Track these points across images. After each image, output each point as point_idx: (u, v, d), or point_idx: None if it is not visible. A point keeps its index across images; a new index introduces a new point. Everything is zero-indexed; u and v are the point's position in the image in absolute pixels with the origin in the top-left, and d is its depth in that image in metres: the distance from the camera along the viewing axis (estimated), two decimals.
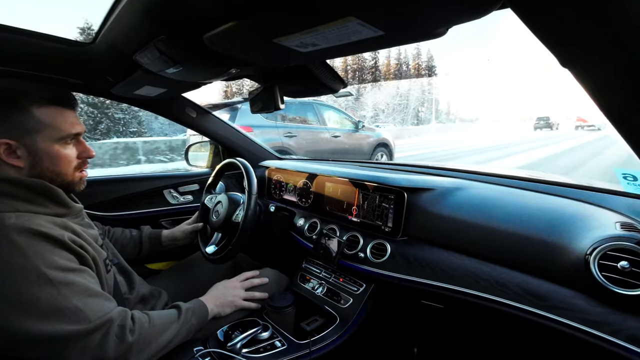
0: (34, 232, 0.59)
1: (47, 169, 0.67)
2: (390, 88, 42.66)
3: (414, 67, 50.74)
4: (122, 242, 1.09)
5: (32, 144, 0.64)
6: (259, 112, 0.98)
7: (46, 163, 0.66)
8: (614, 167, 1.70)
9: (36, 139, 0.64)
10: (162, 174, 1.65)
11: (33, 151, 0.64)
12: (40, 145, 0.65)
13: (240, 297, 0.94)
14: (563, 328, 0.62)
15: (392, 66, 50.29)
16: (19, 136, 0.63)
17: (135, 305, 0.85)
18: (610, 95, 0.36)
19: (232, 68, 0.78)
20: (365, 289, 0.99)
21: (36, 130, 0.64)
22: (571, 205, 0.80)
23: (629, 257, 0.59)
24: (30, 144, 0.64)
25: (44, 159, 0.66)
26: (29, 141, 0.64)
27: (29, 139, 0.64)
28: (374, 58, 48.69)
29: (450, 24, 0.47)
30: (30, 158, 0.64)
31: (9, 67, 0.89)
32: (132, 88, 1.06)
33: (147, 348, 0.65)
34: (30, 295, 0.55)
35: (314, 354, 0.82)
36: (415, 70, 50.52)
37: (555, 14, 0.28)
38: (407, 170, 1.27)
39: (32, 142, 0.64)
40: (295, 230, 1.26)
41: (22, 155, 0.64)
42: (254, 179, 1.07)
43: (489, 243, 0.79)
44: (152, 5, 0.56)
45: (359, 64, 48.02)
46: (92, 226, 0.80)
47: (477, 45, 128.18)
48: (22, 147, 0.63)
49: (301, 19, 0.47)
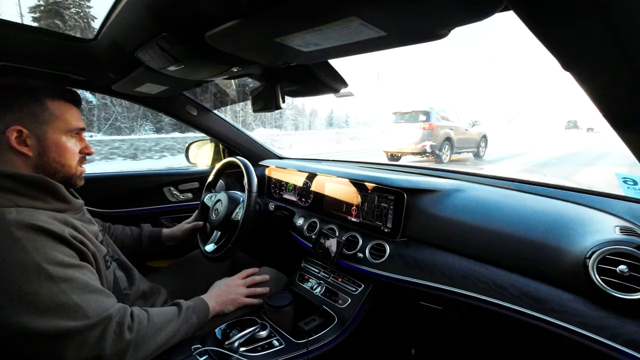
0: (35, 228, 0.59)
1: (54, 160, 0.70)
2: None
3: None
4: (122, 239, 1.09)
5: (42, 133, 0.68)
6: (260, 111, 0.98)
7: (53, 153, 0.69)
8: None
9: (46, 129, 0.68)
10: (162, 172, 1.65)
11: (42, 141, 0.68)
12: (49, 136, 0.69)
13: (243, 295, 0.95)
14: (561, 331, 0.62)
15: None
16: (31, 125, 0.66)
17: (135, 301, 0.85)
18: (612, 99, 0.36)
19: (233, 66, 0.78)
20: (363, 289, 0.99)
21: (47, 122, 0.68)
22: (571, 209, 0.80)
23: (628, 262, 0.58)
24: (41, 134, 0.68)
25: (52, 149, 0.69)
26: (39, 131, 0.67)
27: (40, 128, 0.67)
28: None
29: (452, 25, 0.47)
30: (39, 147, 0.68)
31: (12, 63, 0.89)
32: (133, 85, 1.06)
33: (145, 345, 0.65)
34: (30, 290, 0.55)
35: (312, 353, 0.82)
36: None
37: (557, 17, 0.28)
38: (407, 171, 1.27)
39: (42, 132, 0.68)
40: (295, 230, 1.26)
41: (31, 144, 0.67)
42: (253, 177, 1.07)
43: (488, 245, 0.79)
44: (155, 3, 0.56)
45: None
46: (92, 222, 0.80)
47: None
48: (33, 136, 0.67)
49: (303, 18, 0.47)
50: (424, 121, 7.75)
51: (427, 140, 7.57)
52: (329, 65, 0.85)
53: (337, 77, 0.89)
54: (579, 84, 0.35)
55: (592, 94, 0.36)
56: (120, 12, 0.66)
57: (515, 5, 0.30)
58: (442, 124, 7.92)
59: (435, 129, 7.67)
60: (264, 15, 0.48)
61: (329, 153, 11.28)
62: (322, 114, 27.89)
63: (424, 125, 7.66)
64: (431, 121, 7.69)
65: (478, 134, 9.21)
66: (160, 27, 0.62)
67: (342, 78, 0.90)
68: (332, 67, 0.86)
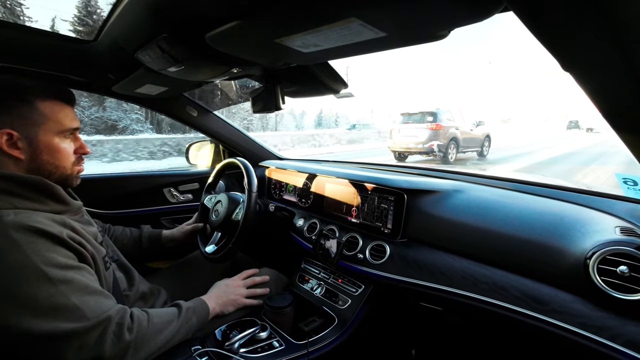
0: (33, 230, 0.59)
1: (47, 162, 0.68)
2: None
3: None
4: (122, 240, 1.09)
5: (33, 136, 0.66)
6: (260, 112, 0.98)
7: (45, 156, 0.68)
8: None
9: (38, 131, 0.66)
10: (162, 172, 1.65)
11: (34, 143, 0.66)
12: (41, 138, 0.67)
13: (243, 296, 0.95)
14: (562, 332, 0.62)
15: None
16: (21, 128, 0.64)
17: (135, 302, 0.84)
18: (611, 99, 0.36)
19: (233, 67, 0.78)
20: (363, 290, 0.99)
21: (38, 123, 0.66)
22: (571, 209, 0.80)
23: (629, 262, 0.58)
24: (32, 136, 0.66)
25: (44, 151, 0.67)
26: (30, 133, 0.65)
27: (31, 131, 0.65)
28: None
29: (452, 26, 0.47)
30: (30, 150, 0.66)
31: (12, 64, 0.90)
32: (133, 86, 1.06)
33: (145, 346, 0.65)
34: (29, 292, 0.55)
35: (312, 354, 0.82)
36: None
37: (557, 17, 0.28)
38: (407, 172, 1.27)
39: (33, 135, 0.66)
40: (295, 231, 1.26)
41: (22, 147, 0.65)
42: (253, 177, 1.07)
43: (488, 246, 0.79)
44: (155, 4, 0.56)
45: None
46: (91, 223, 0.80)
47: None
48: (24, 138, 0.65)
49: (303, 19, 0.47)
50: (431, 122, 8.08)
51: (434, 140, 7.90)
52: (329, 66, 0.85)
53: (337, 78, 0.89)
54: (578, 84, 0.35)
55: (591, 94, 0.36)
56: (120, 13, 0.66)
57: (515, 6, 0.30)
58: (448, 125, 8.22)
59: (442, 129, 8.00)
60: (264, 16, 0.48)
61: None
62: (303, 114, 27.12)
63: (431, 125, 8.01)
64: (438, 122, 8.01)
65: (482, 134, 9.60)
66: (161, 28, 0.62)
67: (342, 79, 0.90)
68: (332, 68, 0.86)
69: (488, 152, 9.96)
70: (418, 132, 8.15)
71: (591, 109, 0.37)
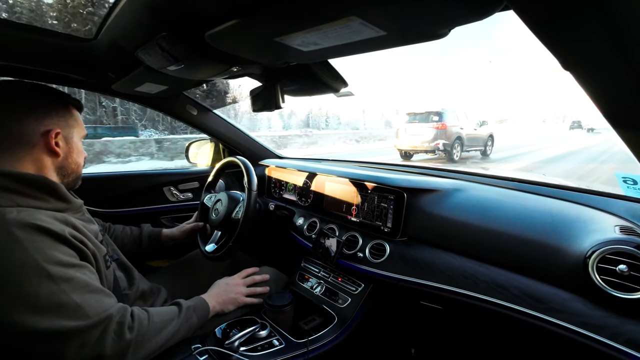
0: (35, 227, 0.59)
1: (74, 161, 0.77)
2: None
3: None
4: (122, 239, 1.09)
5: (70, 137, 0.76)
6: (260, 111, 0.98)
7: (75, 155, 0.77)
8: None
9: (73, 133, 0.76)
10: (162, 171, 1.65)
11: (70, 143, 0.76)
12: (74, 139, 0.77)
13: (243, 294, 0.95)
14: (561, 331, 0.62)
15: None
16: (64, 129, 0.74)
17: (135, 301, 0.85)
18: (611, 98, 0.36)
19: (233, 66, 0.78)
20: (363, 288, 0.99)
21: (73, 126, 0.77)
22: (571, 208, 0.80)
23: (628, 261, 0.59)
24: (70, 137, 0.76)
25: (74, 151, 0.77)
26: (68, 134, 0.75)
27: (70, 132, 0.76)
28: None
29: (452, 24, 0.47)
30: (66, 148, 0.75)
31: (11, 63, 0.89)
32: (133, 85, 1.06)
33: (146, 345, 0.65)
34: (30, 290, 0.55)
35: (312, 353, 0.83)
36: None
37: (557, 16, 0.28)
38: (407, 170, 1.27)
39: (70, 136, 0.76)
40: (295, 230, 1.26)
41: (62, 146, 0.73)
42: (253, 175, 1.07)
43: (488, 245, 0.79)
44: (154, 2, 0.56)
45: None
46: (92, 222, 0.80)
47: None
48: (63, 138, 0.74)
49: (303, 18, 0.47)
50: (436, 121, 8.32)
51: (439, 139, 8.12)
52: (329, 64, 0.85)
53: (337, 76, 0.89)
54: (579, 83, 0.35)
55: (592, 93, 0.36)
56: (120, 11, 0.66)
57: (515, 5, 0.30)
58: (453, 124, 8.43)
59: (448, 128, 8.23)
60: (263, 15, 0.48)
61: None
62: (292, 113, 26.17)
63: (437, 124, 8.24)
64: (443, 121, 8.23)
65: (486, 134, 9.87)
66: (160, 27, 0.62)
67: (342, 77, 0.90)
68: (332, 67, 0.86)
69: (491, 151, 10.16)
70: (424, 131, 8.37)
71: (591, 109, 0.37)
